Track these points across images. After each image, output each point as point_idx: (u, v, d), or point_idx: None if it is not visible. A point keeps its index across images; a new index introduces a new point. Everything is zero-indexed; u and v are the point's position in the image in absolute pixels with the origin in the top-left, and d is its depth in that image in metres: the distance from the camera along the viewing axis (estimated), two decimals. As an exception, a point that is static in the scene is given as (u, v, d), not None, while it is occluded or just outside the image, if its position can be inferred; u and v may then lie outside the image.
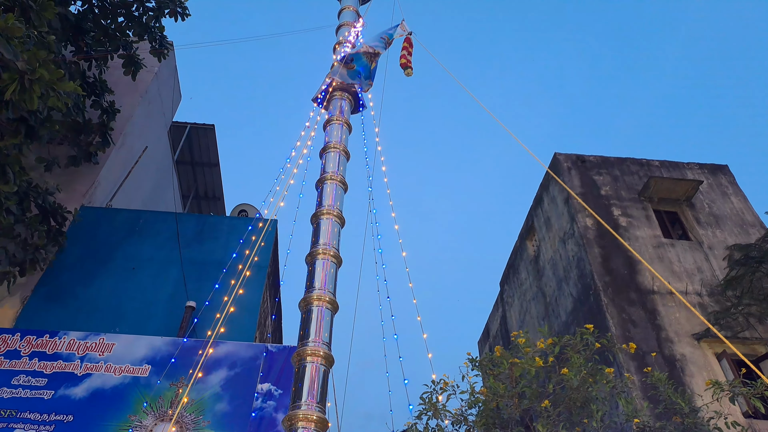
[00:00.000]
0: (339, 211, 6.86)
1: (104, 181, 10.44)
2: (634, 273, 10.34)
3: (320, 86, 8.46)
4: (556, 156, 12.67)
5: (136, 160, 11.43)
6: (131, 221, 9.68)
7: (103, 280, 8.63)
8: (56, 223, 8.59)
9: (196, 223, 9.88)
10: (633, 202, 11.71)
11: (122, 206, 10.80)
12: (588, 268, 10.46)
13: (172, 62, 13.19)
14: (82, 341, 7.44)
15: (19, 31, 5.29)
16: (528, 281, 13.65)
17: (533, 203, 13.66)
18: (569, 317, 10.96)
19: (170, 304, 8.29)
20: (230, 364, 7.38)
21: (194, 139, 14.91)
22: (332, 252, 6.39)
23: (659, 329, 9.49)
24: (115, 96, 10.47)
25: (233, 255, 7.33)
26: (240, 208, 12.11)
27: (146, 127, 12.11)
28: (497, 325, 15.66)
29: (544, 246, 12.76)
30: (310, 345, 5.50)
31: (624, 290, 10.02)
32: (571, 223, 11.45)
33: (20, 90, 5.49)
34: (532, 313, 13.13)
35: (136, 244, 9.26)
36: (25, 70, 5.46)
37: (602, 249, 10.69)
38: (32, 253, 7.99)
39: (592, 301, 10.12)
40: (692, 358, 9.10)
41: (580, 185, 11.98)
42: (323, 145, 7.67)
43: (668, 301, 9.93)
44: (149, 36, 9.76)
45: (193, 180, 16.10)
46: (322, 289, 6.00)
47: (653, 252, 10.74)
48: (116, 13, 9.49)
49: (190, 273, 8.58)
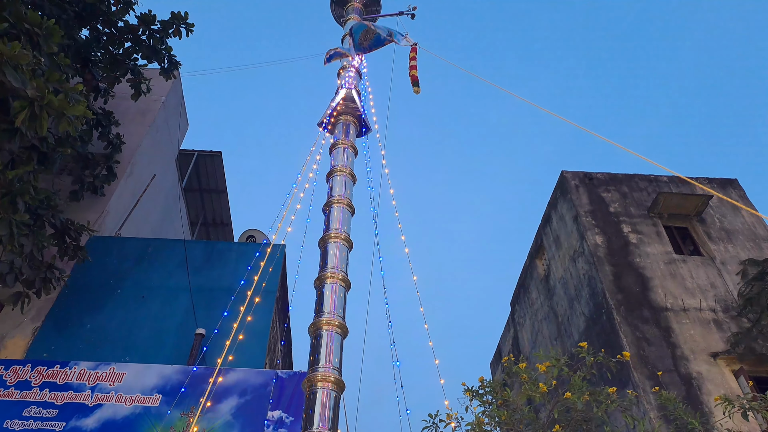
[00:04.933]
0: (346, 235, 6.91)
1: (113, 210, 10.57)
2: (646, 290, 10.28)
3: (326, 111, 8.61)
4: (564, 174, 12.71)
5: (144, 189, 11.59)
6: (140, 249, 9.74)
7: (112, 309, 8.67)
8: (71, 239, 8.63)
9: (204, 249, 9.93)
10: (643, 218, 11.69)
11: (131, 235, 10.90)
12: (599, 287, 10.41)
13: (179, 90, 13.45)
14: (93, 371, 7.45)
15: (25, 59, 5.39)
16: (539, 301, 13.57)
17: (542, 222, 13.66)
18: (582, 337, 10.87)
19: (180, 332, 8.30)
20: (240, 392, 7.35)
21: (201, 166, 15.10)
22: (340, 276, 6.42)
23: (674, 347, 9.40)
24: (122, 126, 10.65)
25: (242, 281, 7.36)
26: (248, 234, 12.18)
27: (154, 156, 12.30)
28: (509, 346, 15.52)
29: (554, 265, 12.72)
30: (320, 371, 5.49)
31: (637, 308, 9.95)
32: (581, 241, 11.43)
33: (30, 117, 5.59)
34: (544, 333, 13.03)
35: (145, 272, 9.30)
36: (35, 97, 5.57)
37: (613, 267, 10.66)
38: (44, 271, 7.96)
39: (605, 319, 10.06)
40: (709, 375, 8.98)
41: (589, 203, 11.99)
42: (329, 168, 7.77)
43: (682, 318, 9.85)
44: (157, 58, 9.90)
45: (201, 207, 16.24)
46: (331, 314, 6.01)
47: (665, 268, 10.69)
48: (123, 39, 9.66)
49: (199, 300, 8.60)
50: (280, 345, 10.21)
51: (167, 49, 9.90)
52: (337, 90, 8.93)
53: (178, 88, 13.25)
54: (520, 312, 14.90)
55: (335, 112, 8.43)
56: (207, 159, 14.93)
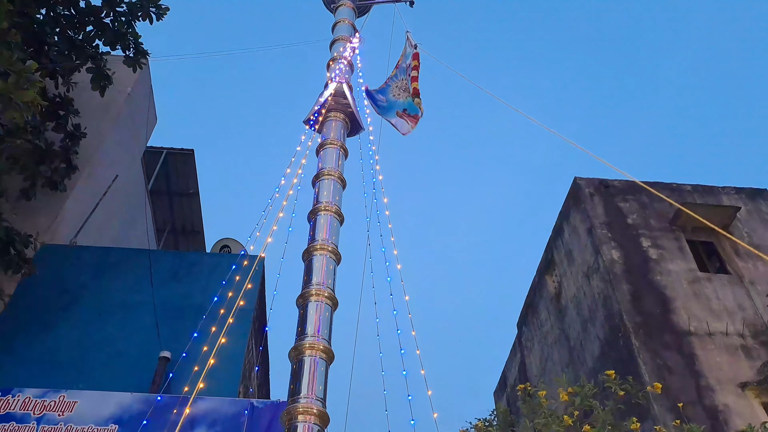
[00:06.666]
0: (334, 246, 6.85)
1: (68, 214, 10.40)
2: (667, 312, 10.27)
3: (313, 107, 8.56)
4: (577, 181, 12.72)
5: (104, 191, 11.43)
6: (98, 260, 9.61)
7: (64, 329, 8.53)
8: (16, 251, 8.44)
9: (172, 261, 9.83)
10: (664, 231, 11.71)
11: (88, 243, 10.70)
12: (616, 307, 10.39)
13: (147, 81, 13.32)
14: (40, 399, 7.28)
15: None
16: (549, 322, 13.53)
17: (552, 234, 13.65)
18: (596, 363, 10.82)
19: (142, 356, 8.18)
20: (210, 423, 7.25)
21: (171, 166, 14.97)
22: (327, 293, 6.36)
23: (698, 376, 9.38)
24: (81, 119, 10.50)
25: (214, 298, 7.27)
26: (222, 244, 12.10)
27: (117, 154, 12.15)
28: (515, 373, 15.46)
29: (566, 282, 12.70)
30: (301, 401, 5.44)
31: (657, 332, 9.94)
32: (596, 256, 11.42)
33: None
34: (555, 359, 12.98)
35: (103, 286, 9.18)
36: None
37: (631, 285, 10.65)
38: None
39: (622, 344, 10.02)
40: (736, 408, 8.97)
41: (604, 213, 11.99)
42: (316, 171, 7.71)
43: (707, 344, 9.84)
44: (122, 44, 9.73)
45: (170, 212, 16.09)
46: (315, 336, 5.96)
47: (688, 288, 10.69)
48: (84, 22, 9.50)
49: (164, 319, 8.51)
50: (256, 371, 10.10)
51: (134, 34, 9.77)
52: (326, 83, 8.88)
53: (146, 78, 13.12)
54: (528, 334, 14.85)
55: (324, 109, 8.39)
56: (177, 158, 14.81)
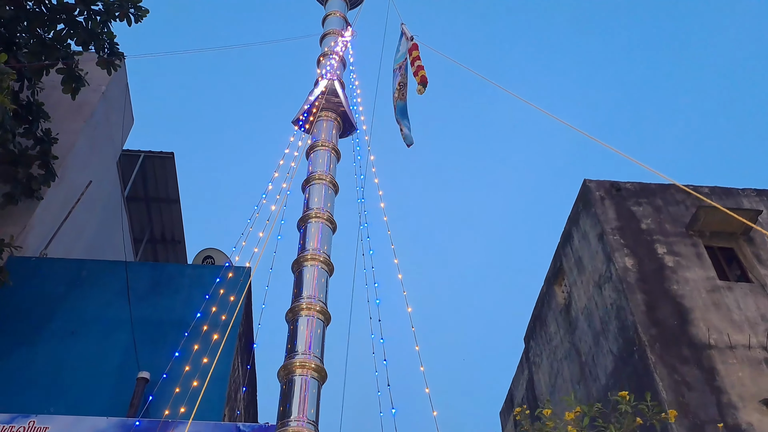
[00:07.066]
0: (326, 256, 6.85)
1: (38, 224, 10.37)
2: (685, 323, 10.27)
3: (302, 106, 8.58)
4: (586, 183, 12.74)
5: (77, 198, 11.41)
6: (71, 273, 9.61)
7: (35, 348, 8.52)
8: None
9: (151, 273, 9.86)
10: (680, 237, 11.73)
11: (60, 255, 10.73)
12: (630, 319, 10.38)
13: (123, 79, 13.33)
14: (8, 425, 7.24)
15: None
16: (558, 336, 13.53)
17: (561, 240, 13.67)
18: (610, 380, 10.81)
19: (119, 376, 8.19)
20: (193, 450, 7.20)
21: (149, 170, 14.96)
22: (318, 307, 6.37)
23: (719, 392, 9.37)
24: (52, 122, 10.49)
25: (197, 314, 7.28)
26: (205, 254, 12.08)
27: (91, 158, 12.13)
28: (522, 391, 15.44)
29: (576, 292, 12.70)
30: (292, 425, 5.46)
31: (674, 345, 9.94)
32: (608, 264, 11.42)
33: None
34: (565, 375, 12.96)
35: (77, 301, 9.18)
36: None
37: (646, 295, 10.65)
38: None
39: (637, 359, 10.02)
40: (761, 427, 8.97)
41: (616, 218, 12.01)
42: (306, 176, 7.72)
43: (729, 358, 9.84)
44: (96, 44, 9.75)
45: (148, 220, 16.07)
46: (306, 354, 5.98)
47: (707, 297, 10.70)
48: (55, 20, 9.52)
49: (143, 337, 8.51)
50: (243, 392, 10.08)
51: (109, 35, 9.82)
52: (316, 81, 8.91)
53: (121, 76, 13.14)
54: (536, 349, 14.84)
55: (314, 108, 8.42)
56: (156, 161, 14.81)
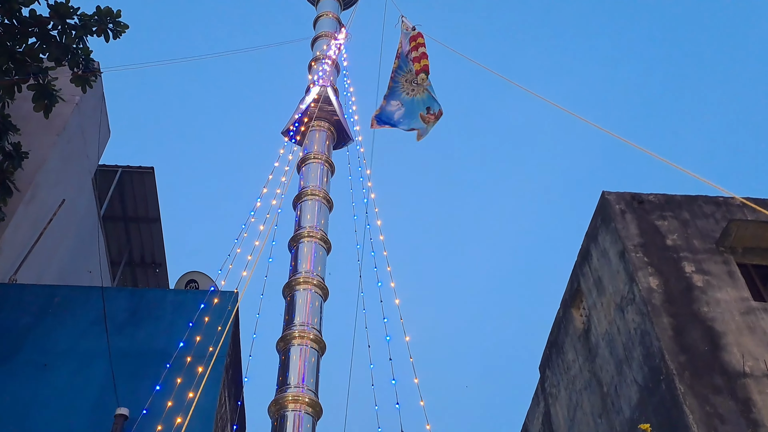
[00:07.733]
0: (320, 279, 6.88)
1: (7, 247, 10.44)
2: (717, 349, 10.27)
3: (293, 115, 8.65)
4: (605, 196, 12.79)
5: (49, 218, 11.48)
6: (43, 300, 9.63)
7: (2, 382, 8.53)
8: None
9: (129, 299, 9.85)
10: (710, 254, 11.74)
11: (31, 281, 10.76)
12: (656, 345, 10.39)
13: (99, 90, 13.47)
14: (-26, 468, 7.30)
15: None
16: (577, 364, 13.51)
17: (578, 259, 13.69)
18: (635, 413, 10.79)
19: (95, 412, 8.18)
20: (176, 494, 7.21)
21: (127, 187, 15.05)
22: (312, 335, 6.38)
23: (756, 425, 9.35)
24: (22, 135, 10.61)
25: (180, 343, 7.30)
26: (188, 278, 12.08)
27: (64, 174, 12.23)
28: (539, 425, 15.37)
29: (596, 315, 12.71)
30: (285, 465, 5.43)
31: (706, 373, 9.92)
32: (630, 285, 11.45)
33: None
34: (585, 408, 12.93)
35: (49, 331, 9.20)
36: None
37: (673, 318, 10.65)
38: None
39: (664, 389, 10.01)
40: (804, 463, 8.94)
41: (639, 233, 12.04)
42: (298, 191, 7.77)
43: (766, 387, 9.83)
44: (70, 60, 9.94)
45: (126, 241, 16.12)
46: (299, 387, 6.00)
47: (741, 320, 10.70)
48: (26, 33, 9.71)
49: (121, 369, 8.49)
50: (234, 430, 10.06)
51: (85, 50, 10.00)
52: (307, 88, 8.99)
53: (97, 86, 13.25)
54: (553, 379, 14.81)
55: (306, 117, 8.48)
56: (134, 177, 14.90)
